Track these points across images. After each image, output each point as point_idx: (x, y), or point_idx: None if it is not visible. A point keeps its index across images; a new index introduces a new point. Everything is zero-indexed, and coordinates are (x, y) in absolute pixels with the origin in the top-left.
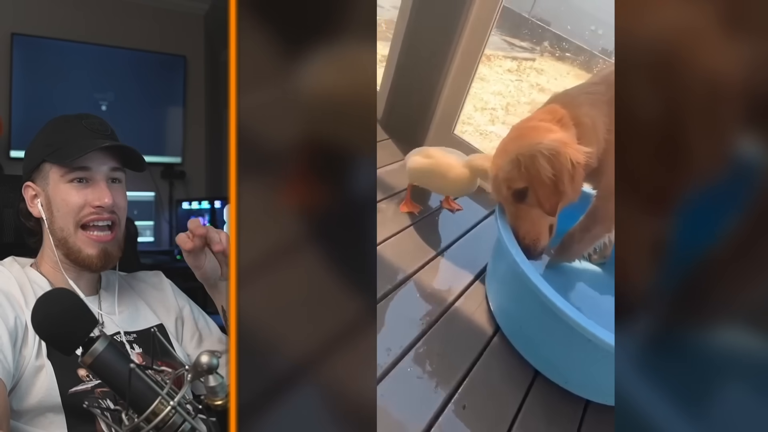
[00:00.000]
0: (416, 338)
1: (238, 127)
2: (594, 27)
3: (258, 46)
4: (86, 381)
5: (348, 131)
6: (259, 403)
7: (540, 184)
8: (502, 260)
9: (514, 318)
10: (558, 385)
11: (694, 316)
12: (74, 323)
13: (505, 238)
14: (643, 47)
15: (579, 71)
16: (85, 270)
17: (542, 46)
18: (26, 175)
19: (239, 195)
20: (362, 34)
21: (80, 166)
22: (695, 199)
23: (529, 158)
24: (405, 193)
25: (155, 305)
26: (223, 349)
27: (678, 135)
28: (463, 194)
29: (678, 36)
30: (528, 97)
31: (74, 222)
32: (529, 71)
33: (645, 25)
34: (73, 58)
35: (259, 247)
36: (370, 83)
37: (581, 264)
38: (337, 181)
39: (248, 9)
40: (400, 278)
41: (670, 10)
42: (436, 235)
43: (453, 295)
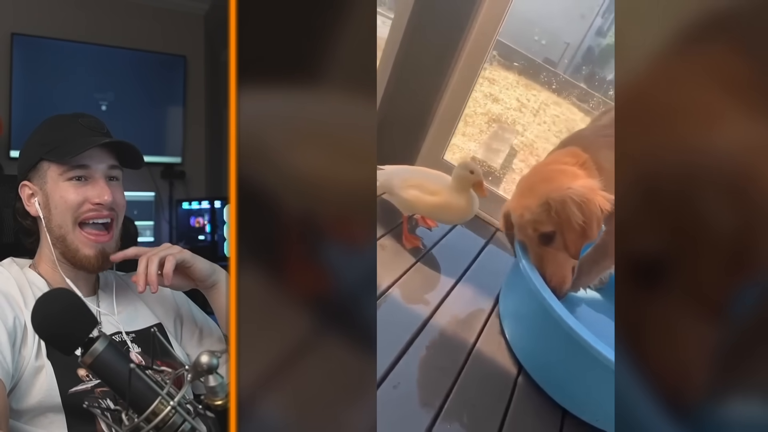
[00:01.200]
0: (448, 390)
1: (238, 127)
2: (537, 37)
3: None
4: (86, 381)
5: (346, 171)
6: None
7: (569, 230)
8: (523, 297)
9: (540, 357)
10: (588, 423)
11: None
12: (74, 323)
13: (534, 279)
14: (640, 99)
15: (527, 81)
16: (83, 270)
17: (491, 54)
18: (22, 174)
19: (239, 195)
20: (361, 80)
21: (79, 164)
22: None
23: (559, 203)
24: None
25: (154, 305)
26: (223, 349)
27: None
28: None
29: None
30: (483, 107)
31: (72, 219)
32: (482, 80)
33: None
34: (73, 58)
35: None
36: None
37: (585, 292)
38: (333, 260)
39: (248, 11)
40: (420, 323)
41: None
42: (440, 268)
43: (473, 334)
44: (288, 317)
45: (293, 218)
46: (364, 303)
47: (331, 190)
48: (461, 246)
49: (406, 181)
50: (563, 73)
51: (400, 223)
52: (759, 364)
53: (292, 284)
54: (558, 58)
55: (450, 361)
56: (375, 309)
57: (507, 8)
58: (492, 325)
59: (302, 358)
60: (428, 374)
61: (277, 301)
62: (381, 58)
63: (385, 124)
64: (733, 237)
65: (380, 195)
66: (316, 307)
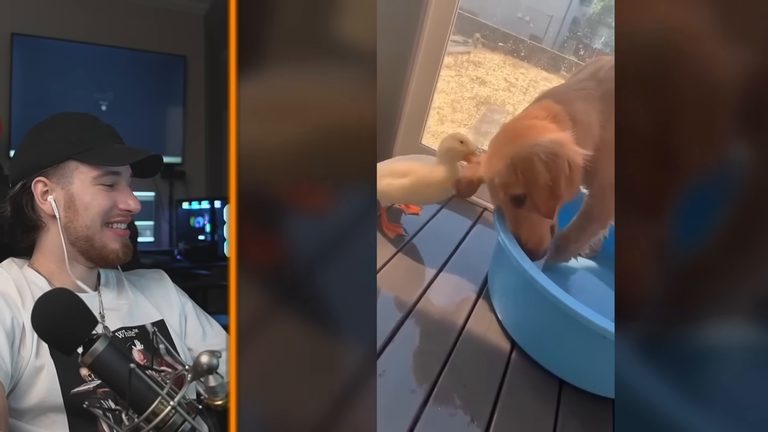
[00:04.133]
0: (438, 373)
1: (238, 127)
2: (521, 14)
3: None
4: (88, 381)
5: (346, 157)
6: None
7: (537, 189)
8: (508, 271)
9: (531, 330)
10: (586, 390)
11: (690, 312)
12: (74, 323)
13: (510, 248)
14: (640, 50)
15: (514, 60)
16: (107, 264)
17: (474, 38)
18: (36, 169)
19: (239, 195)
20: (363, 64)
21: (114, 171)
22: (687, 198)
23: (525, 162)
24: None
25: (157, 300)
26: (225, 347)
27: (672, 139)
28: (447, 197)
29: (674, 38)
30: (471, 92)
31: (101, 221)
32: (467, 65)
33: (643, 28)
34: (73, 58)
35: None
36: (370, 114)
37: (576, 261)
38: (336, 205)
39: (248, 11)
40: (405, 311)
41: (668, 11)
42: (427, 254)
43: (462, 316)
44: (288, 316)
45: (290, 211)
46: (365, 292)
47: (330, 181)
48: (448, 229)
49: (378, 172)
50: (550, 48)
51: (379, 215)
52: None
53: (289, 276)
54: (543, 33)
55: (439, 345)
56: (375, 300)
57: None
58: (482, 305)
59: (300, 357)
60: (417, 359)
61: (277, 300)
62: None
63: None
64: (655, 128)
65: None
66: (315, 303)
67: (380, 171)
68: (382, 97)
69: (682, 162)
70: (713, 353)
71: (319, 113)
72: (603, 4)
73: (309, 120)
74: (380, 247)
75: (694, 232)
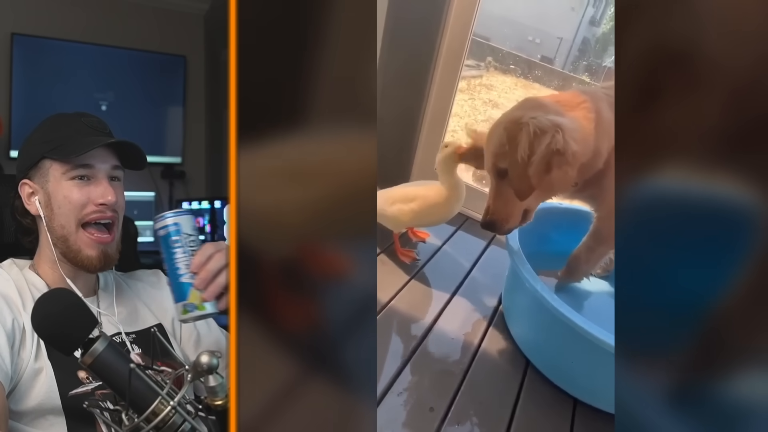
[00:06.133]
0: (455, 392)
1: (238, 127)
2: (531, 37)
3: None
4: (86, 383)
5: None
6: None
7: (514, 161)
8: (521, 291)
9: (544, 349)
10: (600, 409)
11: (710, 366)
12: (74, 323)
13: (524, 271)
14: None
15: (525, 82)
16: (84, 270)
17: (486, 61)
18: (22, 172)
19: (239, 195)
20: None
21: (83, 164)
22: (699, 248)
23: (515, 129)
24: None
25: (153, 304)
26: (221, 348)
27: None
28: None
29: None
30: (484, 114)
31: (76, 220)
32: (479, 88)
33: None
34: (73, 58)
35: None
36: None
37: (588, 280)
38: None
39: (248, 11)
40: (422, 331)
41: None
42: (441, 275)
43: (477, 336)
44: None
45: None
46: (363, 324)
47: (333, 197)
48: (461, 251)
49: (389, 199)
50: (561, 68)
51: (392, 243)
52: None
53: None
54: (554, 54)
55: (455, 364)
56: (375, 330)
57: (476, 7)
58: (497, 324)
59: (301, 361)
60: (434, 378)
61: (277, 307)
62: None
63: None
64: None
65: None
66: (313, 329)
67: (390, 198)
68: (400, 123)
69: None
70: (734, 408)
71: (322, 178)
72: (612, 24)
73: (312, 186)
74: (395, 272)
75: (710, 284)
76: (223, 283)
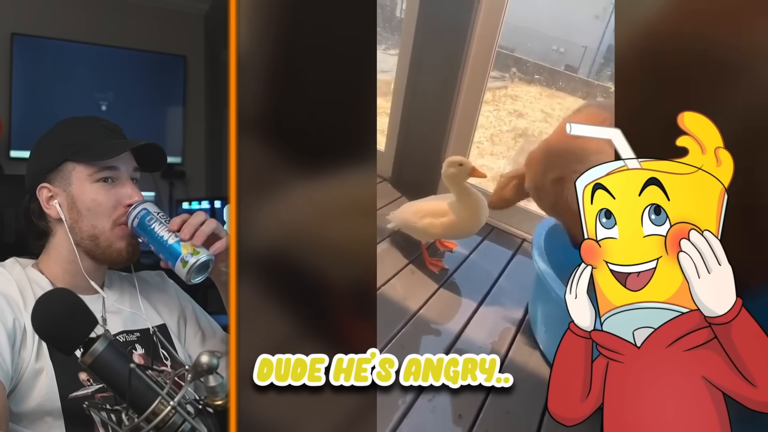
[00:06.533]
0: (482, 400)
1: (238, 127)
2: (556, 47)
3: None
4: (87, 386)
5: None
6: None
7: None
8: (547, 300)
9: None
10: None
11: None
12: (74, 323)
13: (550, 280)
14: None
15: (550, 91)
16: (112, 264)
17: (511, 72)
18: (39, 176)
19: (239, 196)
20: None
21: (109, 166)
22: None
23: (558, 187)
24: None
25: (158, 305)
26: (225, 349)
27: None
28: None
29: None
30: (509, 125)
31: (112, 221)
32: (504, 99)
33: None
34: (73, 58)
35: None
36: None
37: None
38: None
39: (248, 11)
40: (450, 339)
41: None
42: (468, 285)
43: (504, 345)
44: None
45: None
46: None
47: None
48: (488, 261)
49: (419, 212)
50: (586, 77)
51: (420, 253)
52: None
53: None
54: (578, 63)
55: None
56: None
57: (501, 20)
58: (523, 333)
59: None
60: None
61: (276, 304)
62: (393, 90)
63: (402, 154)
64: None
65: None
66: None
67: (419, 210)
68: (427, 138)
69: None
70: None
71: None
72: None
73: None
74: (423, 282)
75: None
76: (207, 231)
